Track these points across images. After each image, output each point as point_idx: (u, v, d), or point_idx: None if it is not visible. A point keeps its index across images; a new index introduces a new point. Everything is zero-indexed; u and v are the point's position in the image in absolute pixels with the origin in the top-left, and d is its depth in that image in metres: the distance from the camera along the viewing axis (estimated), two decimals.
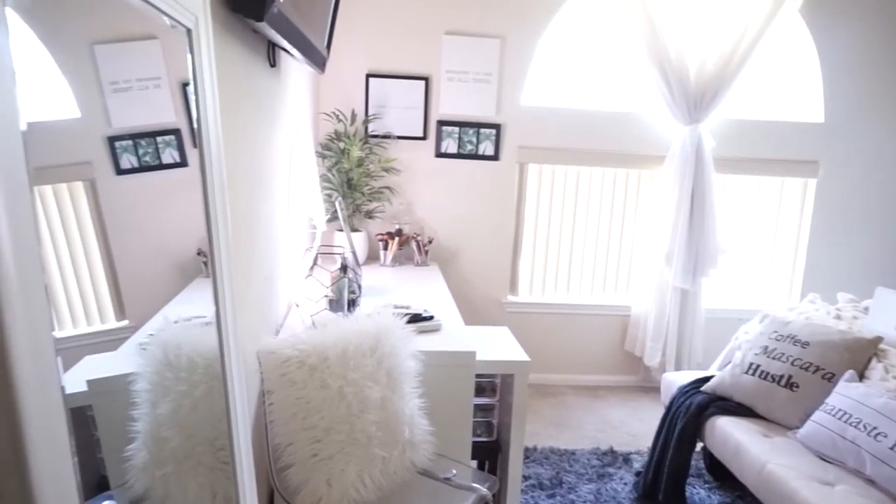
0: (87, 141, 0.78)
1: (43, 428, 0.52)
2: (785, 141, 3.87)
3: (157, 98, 0.96)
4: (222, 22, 1.31)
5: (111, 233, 0.81)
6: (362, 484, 1.52)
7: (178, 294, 1.03)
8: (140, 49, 0.91)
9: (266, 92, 1.85)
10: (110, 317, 0.83)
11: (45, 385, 0.53)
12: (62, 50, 0.70)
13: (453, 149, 3.68)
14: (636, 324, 3.93)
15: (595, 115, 3.75)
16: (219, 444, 1.09)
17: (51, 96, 0.69)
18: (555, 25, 3.63)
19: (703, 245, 3.71)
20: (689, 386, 2.67)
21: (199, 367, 1.05)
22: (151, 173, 0.92)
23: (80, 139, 0.77)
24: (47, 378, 0.53)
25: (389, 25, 3.54)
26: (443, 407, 1.90)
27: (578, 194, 3.89)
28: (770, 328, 2.61)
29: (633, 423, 3.46)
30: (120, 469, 0.83)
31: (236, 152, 1.46)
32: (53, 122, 0.71)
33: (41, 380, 0.52)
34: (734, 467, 2.29)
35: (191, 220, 1.06)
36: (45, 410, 0.52)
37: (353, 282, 2.27)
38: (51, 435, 0.53)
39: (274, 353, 1.54)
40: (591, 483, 2.76)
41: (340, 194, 3.40)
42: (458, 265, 3.83)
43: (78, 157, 0.76)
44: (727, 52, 3.56)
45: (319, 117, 3.54)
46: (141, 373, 0.90)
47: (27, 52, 0.61)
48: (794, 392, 2.36)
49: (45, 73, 0.68)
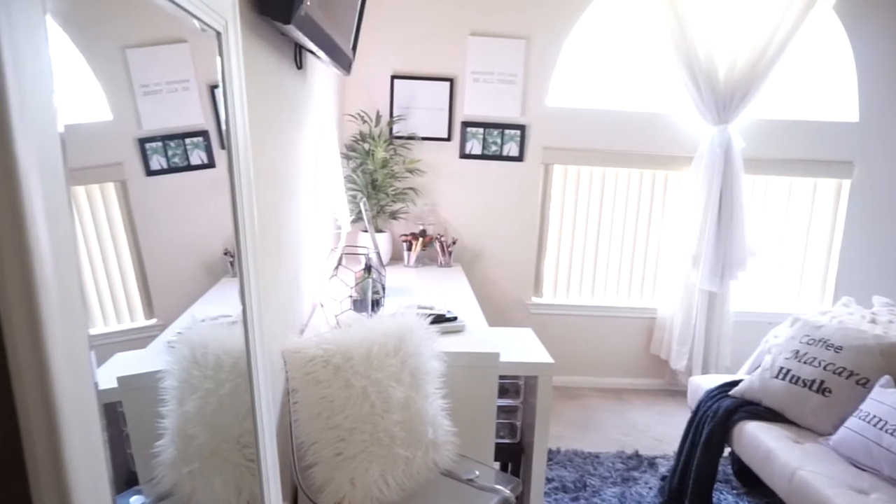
0: (118, 143, 0.80)
1: (77, 421, 0.53)
2: (818, 141, 3.79)
3: (185, 100, 0.97)
4: (250, 25, 1.32)
5: (141, 233, 0.82)
6: (385, 484, 1.53)
7: (205, 293, 1.05)
8: (170, 52, 0.92)
9: (292, 94, 1.87)
10: (139, 315, 0.85)
11: (79, 379, 0.54)
12: (96, 54, 0.72)
13: (478, 150, 3.68)
14: (662, 326, 3.88)
15: (621, 115, 3.71)
16: (244, 441, 1.10)
17: (84, 99, 0.71)
18: (581, 26, 3.61)
19: (731, 247, 3.65)
20: (716, 390, 2.62)
21: (225, 366, 1.07)
22: (180, 174, 0.94)
23: (111, 141, 0.78)
24: (82, 373, 0.55)
25: (415, 27, 3.55)
26: (466, 408, 1.89)
27: (604, 195, 3.86)
28: (801, 332, 2.56)
29: (659, 427, 3.42)
30: (148, 464, 0.85)
31: (263, 154, 1.48)
32: (87, 125, 0.72)
33: (76, 375, 0.53)
34: (763, 473, 2.25)
35: (218, 221, 1.08)
36: (79, 404, 0.53)
37: (377, 282, 2.28)
38: (85, 428, 0.54)
39: (299, 352, 1.56)
40: (615, 487, 2.73)
41: (365, 195, 3.42)
42: (481, 266, 3.83)
43: (110, 158, 0.78)
44: (758, 50, 3.49)
45: (344, 119, 3.57)
46: (169, 370, 0.91)
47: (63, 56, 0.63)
48: (827, 398, 2.31)
49: (80, 76, 0.69)
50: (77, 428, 0.52)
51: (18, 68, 0.46)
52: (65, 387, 0.51)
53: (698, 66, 3.50)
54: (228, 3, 1.02)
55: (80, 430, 0.53)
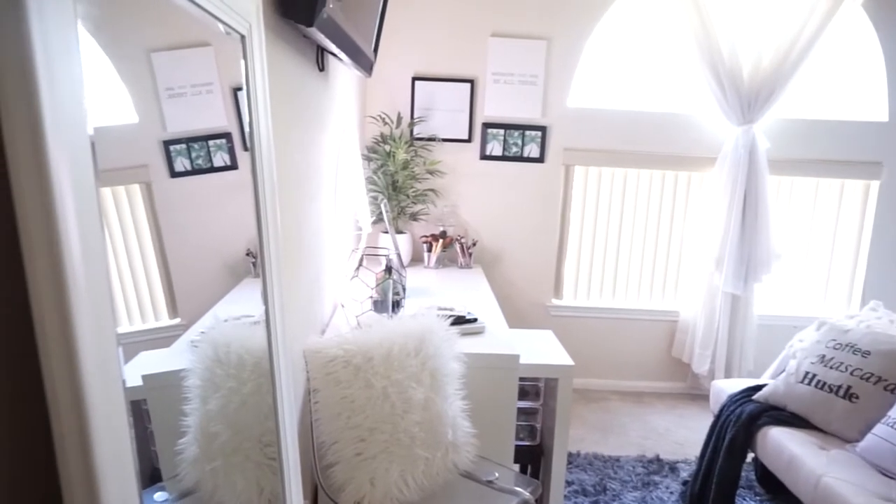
0: (143, 145, 0.81)
1: (106, 417, 0.54)
2: (846, 141, 3.72)
3: (209, 103, 0.98)
4: (274, 28, 1.33)
5: (165, 234, 0.83)
6: (405, 484, 1.53)
7: (227, 293, 1.06)
8: (194, 56, 0.93)
9: (314, 96, 1.88)
10: (164, 315, 0.86)
11: (108, 377, 0.55)
12: (122, 58, 0.73)
13: (498, 151, 3.67)
14: (684, 329, 3.84)
15: (643, 116, 3.68)
16: (266, 440, 1.12)
17: (111, 102, 0.72)
18: (602, 26, 3.58)
19: (755, 249, 3.60)
20: (739, 394, 2.59)
21: (247, 365, 1.08)
22: (203, 176, 0.95)
23: (137, 143, 0.79)
24: (110, 371, 0.56)
25: (435, 28, 3.56)
26: (486, 409, 1.89)
27: (625, 197, 3.83)
28: (827, 336, 2.52)
29: (680, 431, 3.38)
30: (172, 461, 0.86)
31: (285, 155, 1.49)
32: (113, 128, 0.73)
33: (105, 372, 0.54)
34: (788, 480, 2.22)
35: (240, 222, 1.09)
36: (108, 401, 0.54)
37: (398, 283, 2.29)
38: (113, 424, 0.55)
39: (320, 352, 1.57)
40: (635, 491, 2.71)
41: (386, 196, 3.43)
42: (501, 268, 3.82)
43: (135, 160, 0.79)
44: (784, 49, 3.44)
45: (366, 120, 3.59)
46: (192, 369, 0.92)
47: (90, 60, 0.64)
48: (854, 403, 2.27)
49: (106, 80, 0.70)
50: (106, 424, 0.53)
51: (51, 72, 0.47)
52: (94, 384, 0.52)
53: (722, 65, 3.46)
54: (252, 6, 1.03)
55: (109, 426, 0.54)
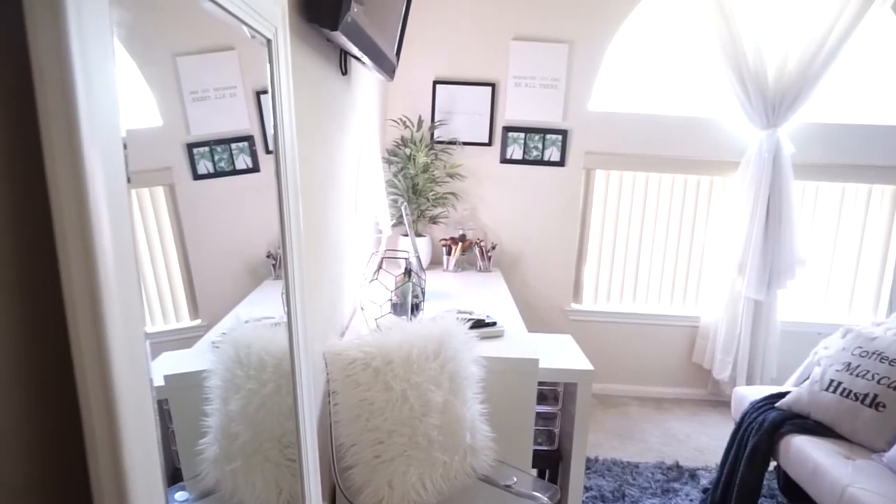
0: (168, 147, 0.82)
1: (135, 415, 0.55)
2: (874, 145, 3.65)
3: (232, 106, 0.99)
4: (298, 32, 1.35)
5: (188, 235, 0.84)
6: (423, 487, 1.53)
7: (248, 295, 1.07)
8: (218, 60, 0.94)
9: (337, 99, 1.90)
10: (185, 316, 0.87)
11: (137, 376, 0.56)
12: (148, 62, 0.74)
13: (518, 155, 3.66)
14: (705, 335, 3.79)
15: (665, 119, 3.65)
16: (285, 441, 1.12)
17: (137, 106, 0.73)
18: (625, 29, 3.56)
19: (779, 255, 3.55)
20: (762, 401, 2.55)
21: (268, 366, 1.09)
22: (225, 178, 0.96)
23: (161, 146, 0.80)
24: (139, 369, 0.56)
25: (457, 32, 3.56)
26: (504, 413, 1.88)
27: (647, 201, 3.79)
28: (854, 343, 2.47)
29: (700, 438, 3.34)
30: (192, 461, 0.87)
31: (308, 158, 1.50)
32: (138, 131, 0.74)
33: (134, 370, 0.55)
34: (811, 489, 2.18)
35: (261, 224, 1.10)
36: (137, 399, 0.55)
37: (417, 286, 2.29)
38: (141, 422, 0.56)
39: (340, 354, 1.57)
40: (654, 498, 2.68)
41: (406, 200, 3.44)
42: (521, 271, 3.81)
43: (159, 163, 0.80)
44: (811, 52, 3.38)
45: (387, 123, 3.60)
46: (213, 370, 0.93)
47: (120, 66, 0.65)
48: (881, 412, 2.22)
49: (133, 84, 0.71)
50: (135, 423, 0.54)
51: (88, 77, 0.49)
52: (125, 383, 0.53)
53: (746, 69, 3.41)
54: (279, 11, 1.04)
55: (138, 425, 0.55)
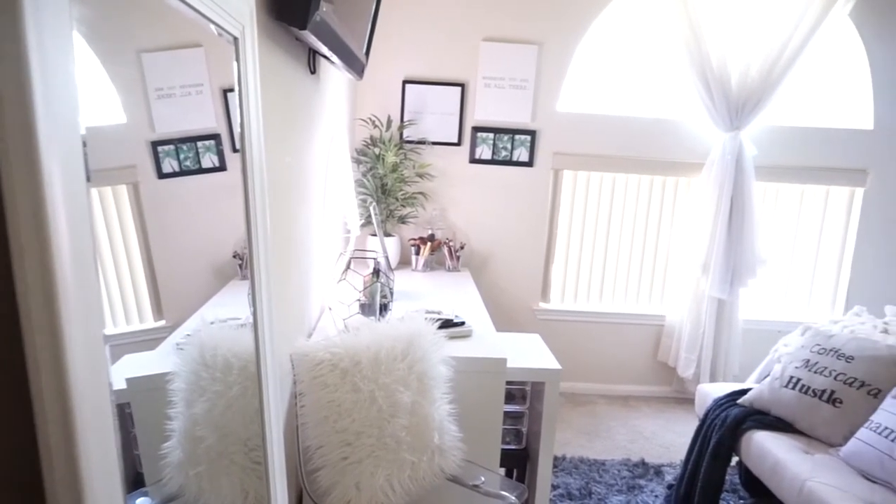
0: (132, 145, 0.80)
1: (93, 420, 0.53)
2: (831, 148, 3.76)
3: (199, 104, 0.98)
4: (266, 30, 1.33)
5: (152, 235, 0.82)
6: (391, 489, 1.53)
7: (214, 296, 1.05)
8: (184, 57, 0.93)
9: (306, 98, 1.88)
10: (149, 317, 0.85)
11: (95, 379, 0.55)
12: (112, 58, 0.72)
13: (488, 155, 3.68)
14: (670, 334, 3.86)
15: (632, 121, 3.70)
16: (251, 444, 1.11)
17: (99, 102, 0.72)
18: (593, 31, 3.60)
19: (741, 255, 3.63)
20: (725, 398, 2.61)
21: (234, 368, 1.07)
22: (191, 177, 0.94)
23: (125, 144, 0.79)
24: (98, 372, 0.55)
25: (427, 32, 3.56)
26: (472, 413, 1.89)
27: (613, 201, 3.85)
28: (812, 341, 2.54)
29: (666, 435, 3.40)
30: (155, 466, 0.85)
31: (275, 157, 1.48)
32: (101, 128, 0.73)
33: (92, 373, 0.54)
34: (772, 484, 2.23)
35: (228, 223, 1.08)
36: (94, 403, 0.54)
37: (386, 286, 2.28)
38: (99, 427, 0.55)
39: (307, 355, 1.56)
40: (620, 494, 2.72)
41: (375, 199, 3.43)
42: (489, 271, 3.82)
43: (123, 161, 0.78)
44: (772, 57, 3.47)
45: (356, 123, 3.58)
46: (177, 372, 0.91)
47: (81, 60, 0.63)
48: (838, 408, 2.29)
49: (95, 79, 0.70)
50: (92, 428, 0.53)
51: (45, 72, 0.47)
52: (82, 387, 0.51)
53: (711, 73, 3.49)
54: (246, 8, 1.03)
55: (96, 430, 0.54)
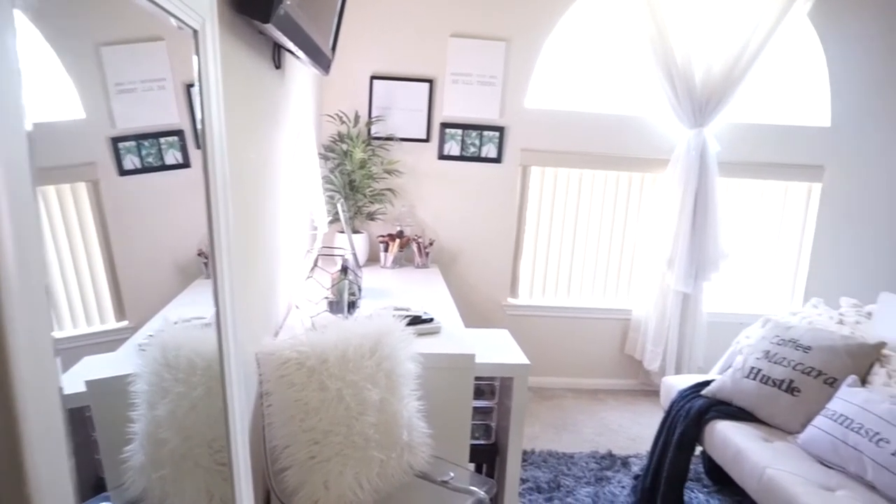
0: (91, 142, 0.79)
1: (41, 429, 0.52)
2: (790, 145, 3.87)
3: (161, 99, 0.96)
4: (228, 23, 1.31)
5: (113, 233, 0.81)
6: (359, 486, 1.52)
7: (178, 295, 1.04)
8: (146, 50, 0.91)
9: (270, 93, 1.85)
10: (110, 317, 0.84)
11: (43, 386, 0.53)
12: (69, 51, 0.71)
13: (456, 151, 3.68)
14: (637, 327, 3.92)
15: (599, 118, 3.75)
16: (216, 445, 1.09)
17: (56, 97, 0.70)
18: (560, 28, 3.63)
19: (704, 249, 3.71)
20: (689, 390, 2.66)
21: (198, 369, 1.05)
22: (154, 174, 0.93)
23: (84, 140, 0.77)
24: (46, 379, 0.54)
25: (395, 28, 3.54)
26: (441, 409, 1.90)
27: (581, 197, 3.89)
28: (772, 332, 2.61)
29: (633, 427, 3.45)
30: (117, 470, 0.84)
31: (239, 153, 1.46)
32: (58, 123, 0.71)
33: (40, 380, 0.52)
34: (734, 472, 2.29)
35: (192, 221, 1.07)
36: (43, 411, 0.52)
37: (354, 283, 2.27)
38: (48, 436, 0.53)
39: (273, 354, 1.54)
40: (588, 486, 2.76)
41: (342, 196, 3.40)
42: (459, 267, 3.83)
43: (82, 157, 0.77)
44: (734, 56, 3.55)
45: (323, 119, 3.55)
46: (139, 374, 0.90)
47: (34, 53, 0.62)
48: (796, 397, 2.36)
49: (51, 73, 0.68)
50: (40, 435, 0.51)
51: None
52: (28, 392, 0.50)
53: (676, 70, 3.55)
54: (206, 1, 1.01)
55: (43, 437, 0.52)
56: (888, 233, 4.01)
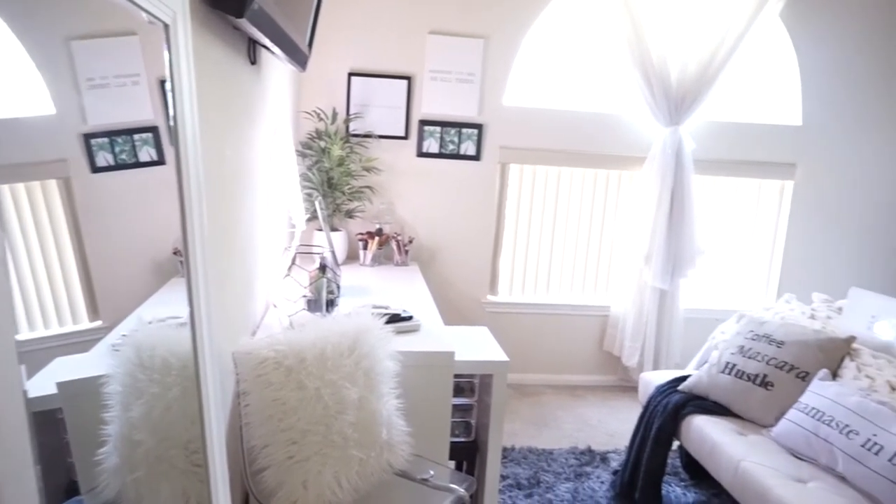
0: (61, 138, 0.77)
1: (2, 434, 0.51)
2: (763, 143, 3.93)
3: (134, 95, 0.95)
4: (201, 18, 1.29)
5: (86, 232, 0.80)
6: (339, 486, 1.52)
7: (153, 294, 1.02)
8: (118, 45, 0.90)
9: (246, 89, 1.83)
10: (83, 317, 0.82)
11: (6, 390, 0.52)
12: (38, 46, 0.69)
13: (435, 148, 3.68)
14: (615, 324, 3.96)
15: (577, 115, 3.77)
16: (192, 446, 1.08)
17: (25, 92, 0.69)
18: (538, 26, 3.64)
19: (681, 246, 3.75)
20: (666, 385, 2.69)
21: (173, 369, 1.04)
22: (128, 171, 0.91)
23: (54, 136, 0.76)
24: (8, 383, 0.52)
25: (373, 24, 3.53)
26: (421, 407, 1.90)
27: (559, 195, 3.91)
28: (746, 328, 2.65)
29: (612, 423, 3.49)
30: (91, 473, 0.82)
31: (215, 150, 1.45)
32: (27, 119, 0.70)
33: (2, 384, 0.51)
34: (710, 466, 2.32)
35: (168, 219, 1.05)
36: (5, 416, 0.51)
37: (332, 282, 2.26)
38: (11, 442, 0.52)
39: (250, 353, 1.53)
40: (568, 482, 2.78)
41: (321, 193, 3.38)
42: (438, 265, 3.83)
43: (52, 154, 0.76)
44: (708, 56, 3.59)
45: (300, 116, 3.52)
46: (113, 374, 0.88)
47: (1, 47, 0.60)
48: (769, 391, 2.40)
49: (19, 68, 0.67)
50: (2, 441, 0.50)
51: None
52: None
53: (652, 70, 3.58)
54: None
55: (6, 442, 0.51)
56: (858, 229, 4.10)
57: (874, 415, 2.01)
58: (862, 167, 4.02)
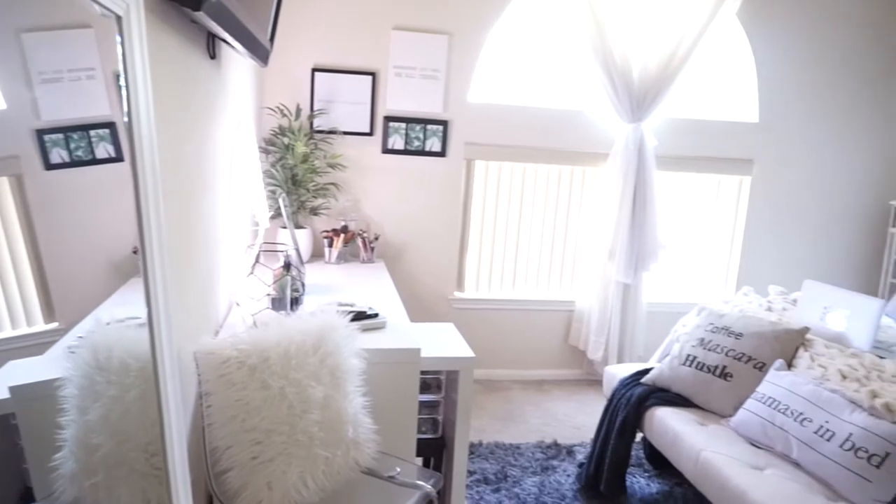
0: (13, 134, 0.75)
1: None
2: (722, 140, 4.02)
3: (90, 90, 0.92)
4: (157, 11, 1.26)
5: (40, 230, 0.78)
6: (304, 485, 1.51)
7: (112, 294, 1.00)
8: (72, 38, 0.87)
9: (206, 84, 1.80)
10: (38, 319, 0.80)
11: None
12: None
13: (400, 145, 3.67)
14: (580, 318, 4.01)
15: (541, 112, 3.80)
16: (152, 448, 1.06)
17: None
18: (502, 23, 3.66)
19: (644, 240, 3.82)
20: (629, 378, 2.74)
21: (131, 370, 1.02)
22: (85, 168, 0.89)
23: (5, 132, 0.74)
24: None
25: (336, 19, 3.49)
26: (387, 405, 1.89)
27: (524, 191, 3.94)
28: (706, 321, 2.71)
29: (578, 416, 3.53)
30: (46, 479, 0.80)
31: (172, 147, 1.42)
32: None
33: None
34: (672, 456, 2.37)
35: (126, 217, 1.03)
36: None
37: (297, 280, 2.24)
38: None
39: (212, 353, 1.51)
40: (535, 476, 2.81)
41: (284, 191, 3.34)
42: (404, 262, 3.83)
43: (3, 150, 0.74)
44: (668, 54, 3.67)
45: (263, 112, 3.47)
46: (69, 377, 0.86)
47: None
48: (729, 382, 2.46)
49: None
50: None
51: None
52: None
53: (614, 67, 3.63)
54: None
55: None
56: (812, 223, 4.24)
57: (826, 402, 2.08)
58: (816, 163, 4.16)
